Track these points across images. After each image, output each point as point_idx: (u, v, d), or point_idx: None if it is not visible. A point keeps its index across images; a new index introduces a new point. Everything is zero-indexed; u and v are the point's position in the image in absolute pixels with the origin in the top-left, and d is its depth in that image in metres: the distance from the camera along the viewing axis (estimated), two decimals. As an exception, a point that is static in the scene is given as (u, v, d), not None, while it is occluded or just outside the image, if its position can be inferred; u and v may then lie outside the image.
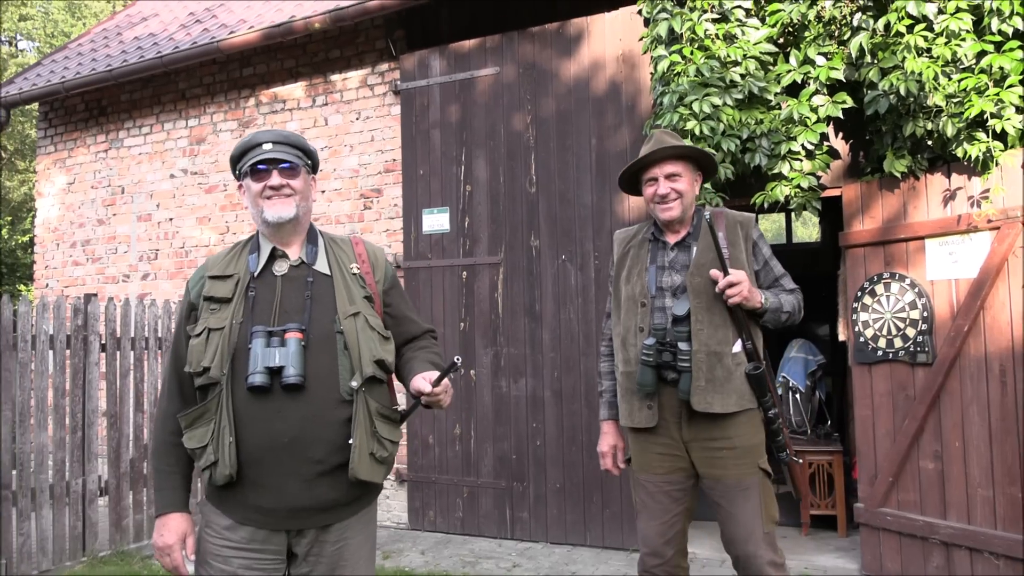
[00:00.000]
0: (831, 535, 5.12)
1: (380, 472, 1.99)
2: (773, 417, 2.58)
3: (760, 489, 2.53)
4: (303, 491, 1.92)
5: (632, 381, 2.59)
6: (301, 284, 2.01)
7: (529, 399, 5.20)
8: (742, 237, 2.62)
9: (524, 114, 5.29)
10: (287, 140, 2.05)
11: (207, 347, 1.94)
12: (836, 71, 3.91)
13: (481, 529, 5.30)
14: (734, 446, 2.52)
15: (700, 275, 2.56)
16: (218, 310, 1.98)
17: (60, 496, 4.74)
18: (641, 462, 2.67)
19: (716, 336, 2.51)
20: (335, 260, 2.08)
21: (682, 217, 2.63)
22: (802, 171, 4.03)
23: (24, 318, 4.60)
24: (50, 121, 7.60)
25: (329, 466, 1.92)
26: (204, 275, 2.06)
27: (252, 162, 2.00)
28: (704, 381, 2.49)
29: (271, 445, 1.89)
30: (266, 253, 2.04)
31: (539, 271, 5.21)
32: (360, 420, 1.93)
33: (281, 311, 1.97)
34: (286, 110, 6.29)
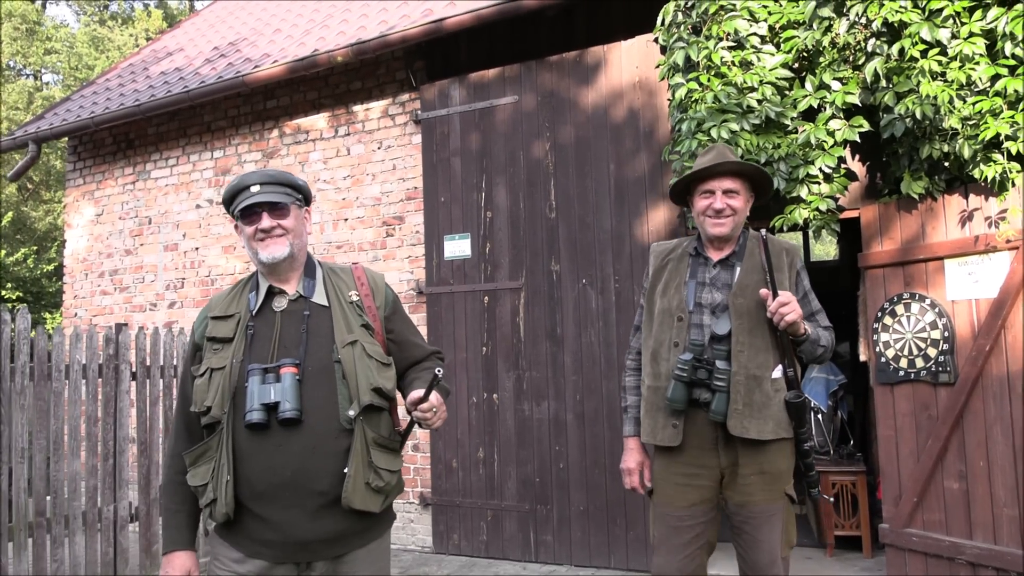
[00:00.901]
0: (856, 556, 5.10)
1: (376, 501, 1.99)
2: (808, 450, 2.53)
3: (784, 514, 2.51)
4: (308, 523, 1.94)
5: (660, 397, 2.54)
6: (299, 318, 2.04)
7: (552, 422, 5.25)
8: (787, 264, 2.57)
9: (543, 141, 5.38)
10: (275, 179, 2.07)
11: (209, 387, 1.98)
12: (852, 95, 3.97)
13: (505, 552, 5.32)
14: (763, 471, 2.48)
15: (744, 296, 2.52)
16: (220, 350, 2.03)
17: (92, 523, 4.82)
18: (662, 493, 2.61)
19: (756, 360, 2.47)
20: (333, 290, 2.11)
21: (731, 235, 2.58)
22: (820, 194, 4.08)
23: (58, 348, 4.71)
24: (79, 154, 7.79)
25: (332, 497, 1.94)
26: (207, 316, 2.11)
27: (242, 206, 2.04)
28: (742, 404, 2.43)
29: (273, 480, 1.92)
30: (264, 291, 2.08)
31: (560, 295, 5.27)
32: (357, 450, 1.95)
33: (280, 346, 2.01)
34: (309, 140, 6.43)
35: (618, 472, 4.95)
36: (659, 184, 5.00)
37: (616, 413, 5.03)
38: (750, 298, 2.50)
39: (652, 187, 5.03)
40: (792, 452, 2.54)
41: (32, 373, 4.58)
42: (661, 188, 4.99)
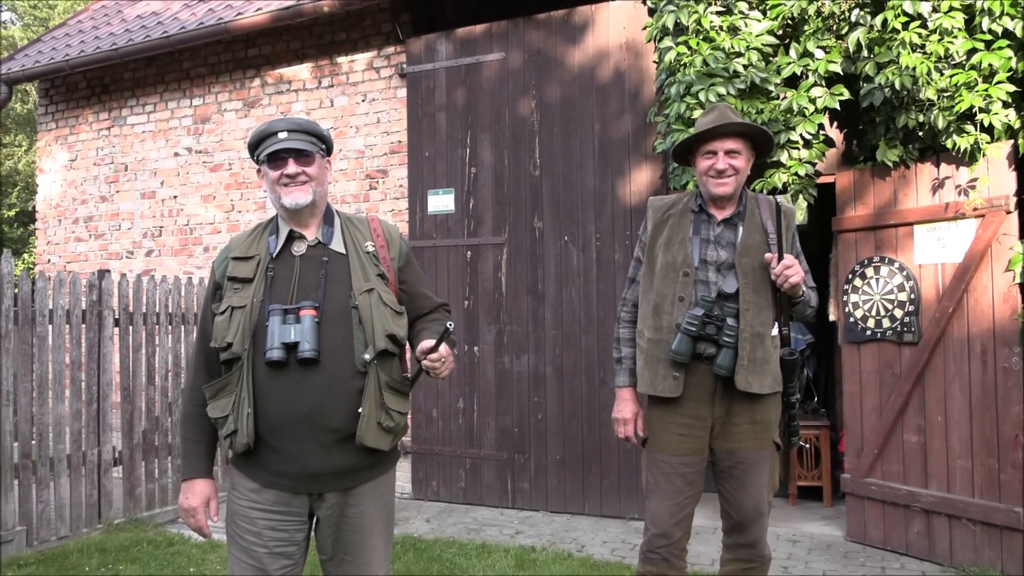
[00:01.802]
0: (817, 505, 5.38)
1: (386, 440, 2.10)
2: (794, 403, 2.66)
3: (771, 461, 2.65)
4: (321, 457, 2.04)
5: (662, 349, 2.60)
6: (317, 263, 2.12)
7: (531, 375, 5.40)
8: (785, 227, 2.64)
9: (529, 99, 5.44)
10: (302, 128, 2.13)
11: (230, 324, 2.06)
12: (834, 64, 4.09)
13: (483, 499, 5.51)
14: (755, 421, 2.60)
15: (748, 255, 2.59)
16: (240, 289, 2.10)
17: (77, 466, 4.88)
18: (659, 441, 2.67)
19: (760, 318, 2.56)
20: (351, 239, 2.18)
21: (733, 194, 2.64)
22: (800, 159, 4.23)
23: (41, 293, 4.72)
24: (51, 98, 7.64)
25: (346, 434, 2.04)
26: (228, 256, 2.17)
27: (269, 151, 2.10)
28: (747, 360, 2.52)
29: (290, 415, 2.01)
30: (284, 235, 2.15)
31: (542, 252, 5.39)
32: (370, 391, 2.04)
33: (299, 289, 2.08)
34: (292, 91, 6.40)
35: (594, 423, 5.17)
36: (643, 145, 5.11)
37: (594, 368, 5.20)
38: (754, 258, 2.59)
39: (636, 148, 5.14)
40: (780, 404, 2.67)
41: (16, 317, 4.59)
42: (645, 149, 5.10)
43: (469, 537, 4.77)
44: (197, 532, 2.17)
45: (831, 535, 4.71)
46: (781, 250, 2.53)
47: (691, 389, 2.61)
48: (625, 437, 2.80)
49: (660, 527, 2.64)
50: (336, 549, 2.18)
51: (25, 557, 4.38)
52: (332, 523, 2.15)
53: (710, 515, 4.92)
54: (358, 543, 2.16)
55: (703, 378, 2.61)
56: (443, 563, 4.22)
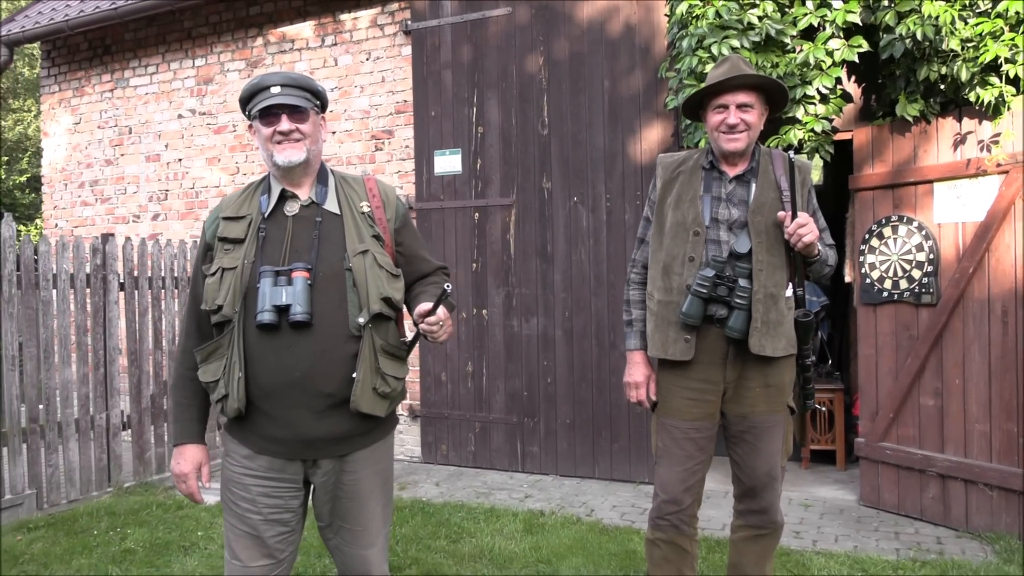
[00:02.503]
0: (830, 469, 5.32)
1: (382, 406, 2.04)
2: (809, 365, 2.57)
3: (784, 425, 2.57)
4: (314, 423, 1.99)
5: (672, 311, 2.51)
6: (310, 224, 2.05)
7: (540, 338, 5.33)
8: (799, 183, 2.52)
9: (537, 55, 5.29)
10: (296, 83, 2.05)
11: (220, 286, 2.00)
12: (853, 14, 3.92)
13: (493, 462, 5.48)
14: (768, 384, 2.52)
15: (761, 213, 2.48)
16: (231, 250, 2.04)
17: (85, 430, 4.88)
18: (669, 406, 2.59)
19: (773, 278, 2.45)
20: (345, 199, 2.11)
21: (745, 150, 2.53)
22: (816, 115, 4.08)
23: (44, 257, 4.67)
24: (53, 60, 7.53)
25: (339, 399, 1.99)
26: (218, 216, 2.11)
27: (261, 106, 2.02)
28: (760, 323, 2.43)
29: (282, 380, 1.96)
30: (276, 194, 2.07)
31: (551, 213, 5.28)
32: (365, 356, 1.98)
33: (291, 250, 2.02)
34: (295, 50, 6.26)
35: (604, 387, 5.11)
36: (654, 102, 4.96)
37: (604, 331, 5.12)
38: (767, 216, 2.49)
39: (647, 105, 4.99)
40: (794, 366, 2.58)
41: (19, 282, 4.55)
42: (656, 106, 4.95)
43: (478, 501, 4.75)
44: (188, 498, 2.14)
45: (844, 499, 4.65)
46: (795, 207, 2.42)
47: (703, 352, 2.53)
48: (637, 401, 2.72)
49: (670, 493, 2.58)
50: (333, 516, 2.13)
51: (35, 520, 4.40)
52: (328, 490, 2.10)
53: (721, 479, 4.88)
54: (355, 510, 2.12)
55: (715, 341, 2.52)
56: (451, 527, 4.20)
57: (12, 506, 4.45)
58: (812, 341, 2.60)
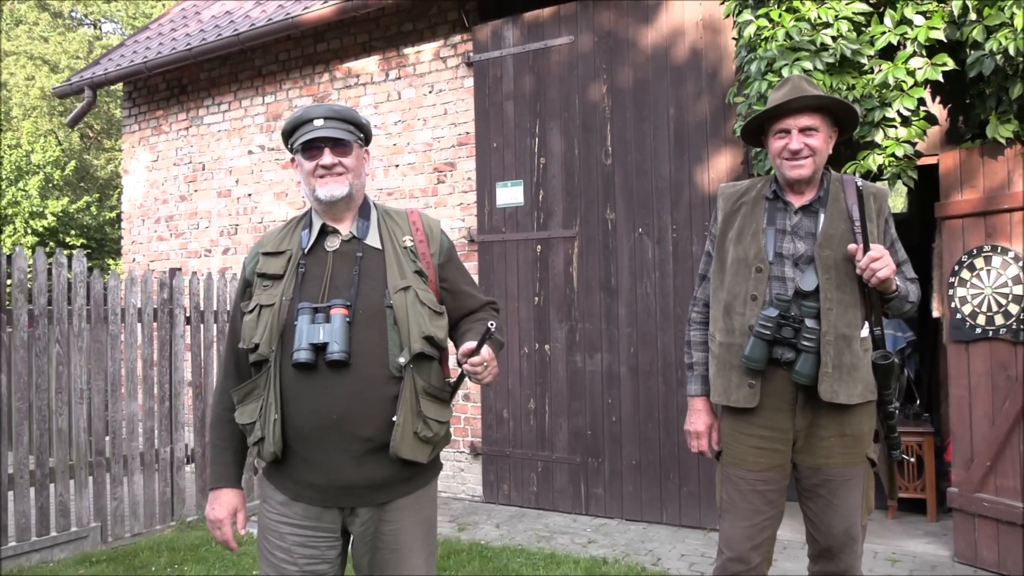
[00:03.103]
0: (919, 519, 4.93)
1: (424, 451, 1.94)
2: (893, 412, 2.34)
3: (864, 479, 2.33)
4: (352, 468, 1.90)
5: (734, 354, 2.33)
6: (351, 259, 1.98)
7: (604, 374, 5.14)
8: (875, 211, 2.33)
9: (600, 84, 5.17)
10: (339, 115, 2.00)
11: (258, 324, 1.94)
12: (936, 31, 3.67)
13: (555, 504, 5.29)
14: (845, 434, 2.29)
15: (830, 247, 2.27)
16: (270, 287, 1.98)
17: (150, 463, 4.92)
18: (734, 454, 2.39)
19: (845, 318, 2.25)
20: (387, 233, 2.04)
21: (812, 177, 2.33)
22: (897, 139, 3.81)
23: (114, 292, 4.76)
24: (134, 100, 7.82)
25: (378, 444, 1.90)
26: (259, 251, 2.05)
27: (304, 139, 1.97)
28: (831, 367, 2.21)
29: (319, 422, 1.89)
30: (317, 229, 2.02)
31: (615, 245, 5.11)
32: (406, 398, 1.89)
33: (331, 287, 1.95)
34: (360, 84, 6.31)
35: (672, 426, 4.87)
36: (722, 129, 4.76)
37: (671, 367, 4.89)
38: (837, 249, 2.27)
39: (714, 132, 4.80)
40: (874, 413, 2.35)
41: (89, 316, 4.64)
42: (724, 133, 4.75)
43: (539, 546, 4.56)
44: (224, 545, 2.05)
45: (936, 555, 4.27)
46: (866, 239, 2.20)
47: (769, 398, 2.32)
48: (699, 451, 2.52)
49: (736, 551, 2.36)
50: (373, 568, 2.01)
51: (97, 554, 4.42)
52: (367, 540, 1.99)
53: (798, 527, 4.55)
54: (395, 562, 1.99)
55: (782, 386, 2.30)
56: (509, 573, 4.02)
57: (77, 539, 4.49)
58: (895, 384, 2.35)
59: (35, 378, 4.46)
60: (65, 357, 4.48)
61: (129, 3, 21.41)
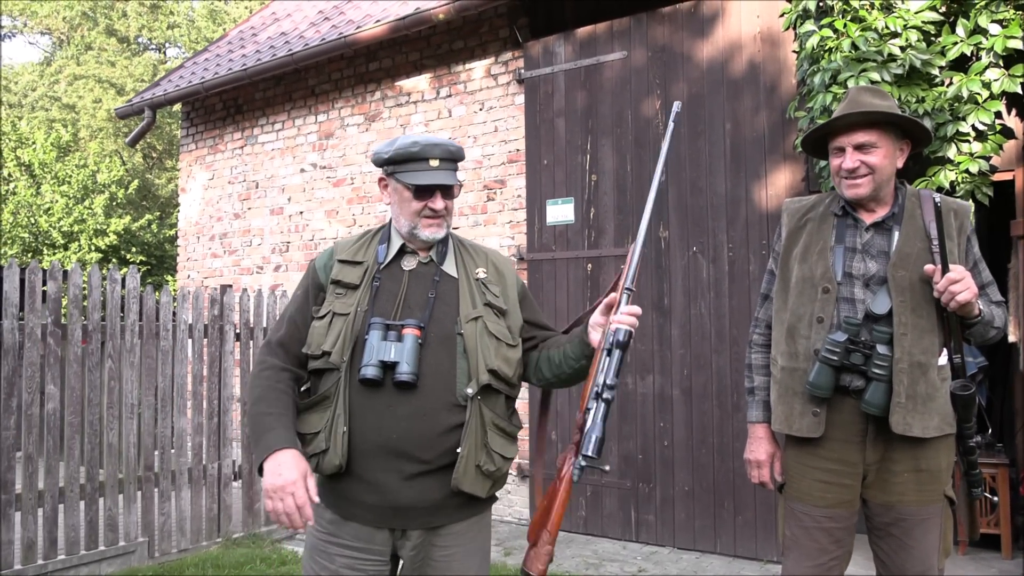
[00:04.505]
0: (993, 556, 4.64)
1: (484, 486, 1.91)
2: (974, 447, 2.17)
3: (942, 519, 2.16)
4: (405, 488, 1.86)
5: (798, 380, 2.18)
6: (427, 282, 1.97)
7: (656, 397, 4.98)
8: (956, 229, 2.17)
9: (653, 99, 5.06)
10: (453, 156, 1.98)
11: (329, 331, 1.91)
12: (1014, 40, 3.46)
13: (604, 530, 5.13)
14: (920, 469, 2.13)
15: (905, 267, 2.11)
16: (344, 295, 1.95)
17: (198, 479, 4.92)
18: (799, 488, 2.24)
19: (921, 344, 2.09)
20: (462, 264, 2.04)
21: (874, 195, 2.18)
22: (971, 154, 3.61)
23: (165, 308, 4.79)
24: (192, 120, 7.98)
25: (434, 467, 1.87)
26: (335, 258, 2.02)
27: (419, 183, 1.93)
28: (904, 397, 2.05)
29: (379, 440, 1.85)
30: (396, 246, 2.01)
31: (668, 263, 4.97)
32: (472, 429, 1.86)
33: (404, 306, 1.93)
34: (411, 103, 6.31)
35: (726, 452, 4.68)
36: (780, 144, 4.60)
37: (727, 391, 4.72)
38: (913, 270, 2.11)
39: (773, 147, 4.64)
40: (953, 447, 2.18)
41: (141, 332, 4.68)
42: (783, 148, 4.59)
43: (587, 573, 4.41)
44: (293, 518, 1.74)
45: (1013, 595, 4.00)
46: (945, 259, 2.03)
47: (835, 428, 2.16)
48: (760, 482, 2.37)
49: None
50: None
51: (143, 569, 4.42)
52: (417, 566, 1.93)
53: (864, 563, 4.32)
54: None
55: (851, 415, 2.14)
56: (556, 602, 3.88)
57: (125, 553, 4.50)
58: (975, 417, 2.17)
59: (87, 392, 4.51)
60: (117, 372, 4.52)
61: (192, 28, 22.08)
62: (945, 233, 2.08)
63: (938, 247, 2.07)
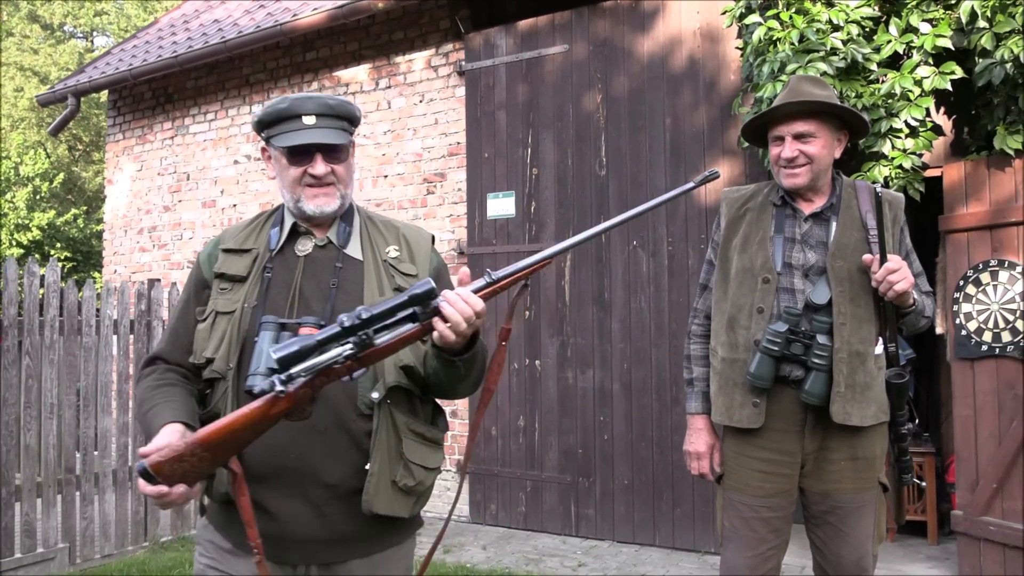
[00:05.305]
0: (920, 542, 4.77)
1: (405, 505, 1.63)
2: (906, 434, 2.20)
3: (876, 505, 2.19)
4: (313, 519, 1.60)
5: (738, 371, 2.17)
6: (327, 268, 1.69)
7: (596, 391, 4.98)
8: (890, 220, 2.18)
9: (594, 93, 5.05)
10: (334, 111, 1.68)
11: (212, 334, 1.64)
12: (943, 39, 3.56)
13: (545, 525, 5.10)
14: (856, 457, 2.15)
15: (843, 258, 2.13)
16: (229, 290, 1.68)
17: (123, 481, 4.71)
18: (737, 478, 2.23)
19: (859, 333, 2.10)
20: (369, 244, 1.75)
21: (812, 185, 2.19)
22: (904, 150, 3.69)
23: (89, 303, 4.57)
24: (119, 109, 7.67)
25: (344, 491, 1.59)
26: (219, 247, 1.75)
27: (291, 144, 1.65)
28: (844, 386, 2.06)
29: (273, 462, 1.58)
30: (288, 228, 1.72)
31: (608, 258, 4.97)
32: (381, 440, 1.58)
33: (300, 299, 1.65)
34: (349, 94, 6.17)
35: (665, 445, 4.71)
36: (720, 139, 4.64)
37: (666, 384, 4.74)
38: (851, 260, 2.13)
39: (712, 142, 4.67)
40: (886, 435, 2.21)
41: (62, 327, 4.46)
42: (723, 143, 4.63)
43: (527, 569, 4.37)
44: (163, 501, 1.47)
45: (941, 580, 4.11)
46: (884, 249, 2.06)
47: (775, 419, 2.16)
48: (699, 473, 2.35)
49: None
50: None
51: None
52: None
53: (799, 552, 4.39)
54: None
55: (790, 405, 2.15)
56: (496, 599, 3.84)
57: (43, 560, 4.28)
58: (908, 405, 2.20)
59: (3, 392, 4.27)
60: (36, 370, 4.29)
61: (121, 16, 21.33)
62: (882, 224, 2.10)
63: (876, 237, 2.09)
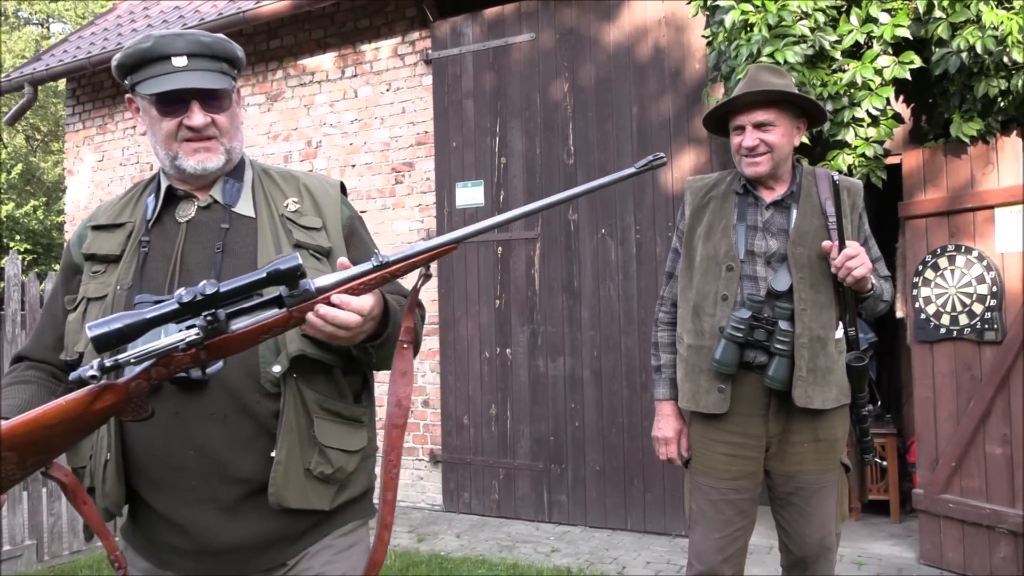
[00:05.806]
0: (883, 520, 4.90)
1: (324, 495, 1.42)
2: (866, 416, 2.27)
3: (839, 485, 2.26)
4: (227, 524, 1.39)
5: (704, 357, 2.22)
6: (212, 232, 1.46)
7: (567, 379, 5.02)
8: (849, 206, 2.24)
9: (562, 82, 5.06)
10: (209, 50, 1.43)
11: (83, 325, 1.39)
12: (902, 28, 3.62)
13: (518, 512, 5.15)
14: (819, 439, 2.21)
15: (803, 245, 2.18)
16: (101, 272, 1.46)
17: (91, 476, 4.66)
18: (704, 462, 2.29)
19: (820, 318, 2.16)
20: (263, 198, 1.52)
21: (773, 173, 2.24)
22: (867, 138, 3.76)
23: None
24: (78, 98, 7.51)
25: (260, 485, 1.38)
26: (88, 225, 1.53)
27: (160, 90, 1.39)
28: (806, 371, 2.12)
29: (170, 462, 1.37)
30: (164, 193, 1.49)
31: (577, 246, 5.01)
32: (289, 421, 1.37)
33: (182, 271, 1.43)
34: (315, 82, 6.12)
35: (635, 431, 4.77)
36: (686, 128, 4.69)
37: (635, 371, 4.80)
38: (811, 247, 2.18)
39: (678, 131, 4.72)
40: (848, 417, 2.28)
41: (23, 321, 4.39)
42: (688, 132, 4.68)
43: (501, 556, 4.41)
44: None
45: (902, 557, 4.23)
46: (842, 236, 2.13)
47: (740, 403, 2.22)
48: (668, 459, 2.40)
49: (706, 563, 2.26)
50: None
51: (34, 573, 4.17)
52: None
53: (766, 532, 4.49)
54: None
55: (754, 390, 2.21)
56: (470, 586, 3.88)
57: (11, 558, 4.23)
58: (869, 388, 2.27)
59: (-35, 387, 4.20)
60: (-2, 365, 4.23)
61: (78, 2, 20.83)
62: (841, 211, 2.16)
63: (835, 224, 2.15)
